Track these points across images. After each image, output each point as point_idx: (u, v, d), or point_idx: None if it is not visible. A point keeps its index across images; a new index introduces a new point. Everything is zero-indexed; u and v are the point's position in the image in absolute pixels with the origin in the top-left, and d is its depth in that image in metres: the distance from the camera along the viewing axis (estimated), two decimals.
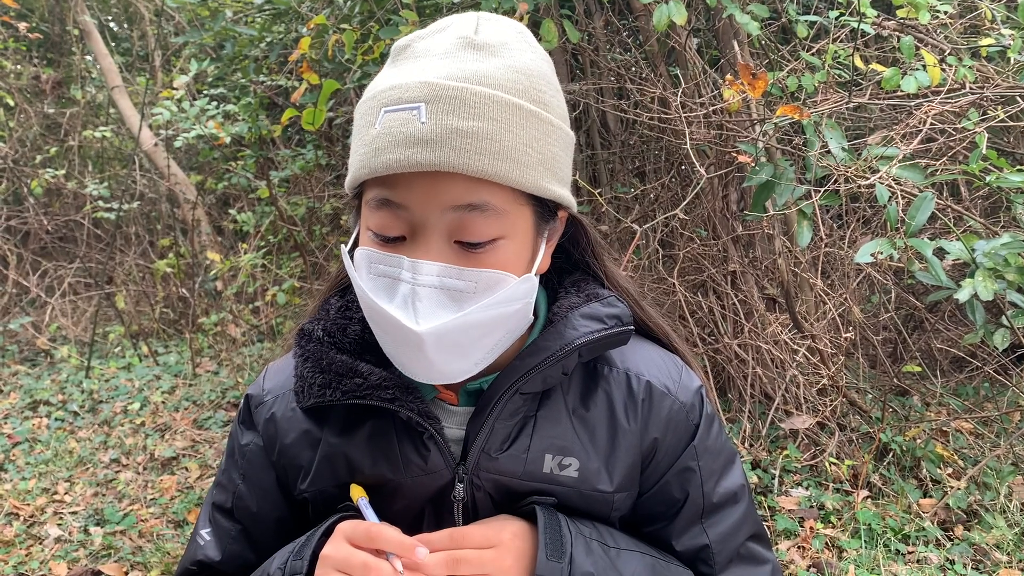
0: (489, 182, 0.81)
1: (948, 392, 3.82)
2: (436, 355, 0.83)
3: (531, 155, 0.83)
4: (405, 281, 0.82)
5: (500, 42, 0.85)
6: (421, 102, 0.79)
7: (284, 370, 1.03)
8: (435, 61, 0.83)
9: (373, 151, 0.81)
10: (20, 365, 5.34)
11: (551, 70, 0.90)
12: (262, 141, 5.06)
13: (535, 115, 0.84)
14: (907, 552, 2.80)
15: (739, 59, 3.04)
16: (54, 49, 7.22)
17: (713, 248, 3.58)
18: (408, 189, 0.81)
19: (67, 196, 6.53)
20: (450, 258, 0.82)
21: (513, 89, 0.82)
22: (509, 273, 0.85)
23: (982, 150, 2.37)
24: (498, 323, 0.86)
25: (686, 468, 0.99)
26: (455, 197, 0.81)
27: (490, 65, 0.83)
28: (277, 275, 5.23)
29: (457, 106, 0.79)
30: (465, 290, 0.83)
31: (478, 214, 0.81)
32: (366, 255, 0.86)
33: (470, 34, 0.85)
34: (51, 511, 3.45)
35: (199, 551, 1.04)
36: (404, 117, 0.80)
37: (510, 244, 0.85)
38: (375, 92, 0.85)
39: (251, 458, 1.03)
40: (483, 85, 0.81)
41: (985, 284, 2.16)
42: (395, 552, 0.84)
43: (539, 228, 0.90)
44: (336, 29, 3.17)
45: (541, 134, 0.84)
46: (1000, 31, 2.87)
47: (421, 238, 0.82)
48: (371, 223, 0.85)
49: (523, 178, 0.82)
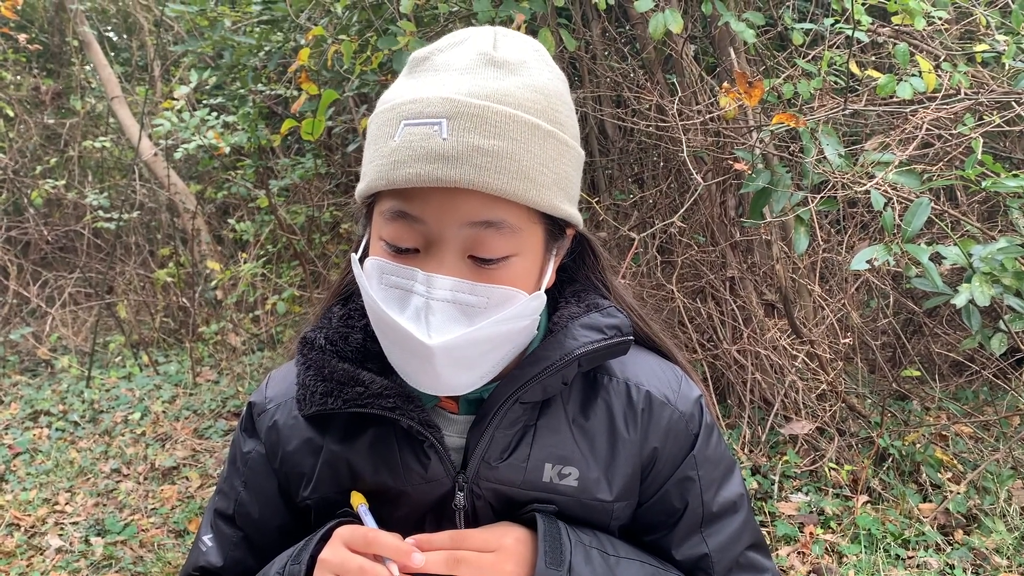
0: (505, 200, 0.82)
1: (947, 396, 3.82)
2: (444, 368, 0.84)
3: (547, 175, 0.84)
4: (418, 294, 0.83)
5: (519, 60, 0.86)
6: (443, 118, 0.80)
7: (286, 378, 1.04)
8: (455, 76, 0.84)
9: (392, 163, 0.81)
10: (21, 375, 5.35)
11: (566, 89, 0.92)
12: (261, 150, 5.08)
13: (552, 135, 0.85)
14: (907, 557, 2.81)
15: (735, 66, 3.05)
16: (54, 60, 7.24)
17: (711, 254, 3.59)
18: (425, 203, 0.82)
19: (67, 206, 6.54)
20: (464, 273, 0.83)
21: (532, 109, 0.84)
22: (520, 290, 0.86)
23: (978, 155, 2.38)
24: (507, 339, 0.87)
25: (685, 477, 1.00)
26: (472, 213, 0.82)
27: (510, 84, 0.84)
28: (277, 284, 5.24)
29: (478, 124, 0.80)
30: (477, 305, 0.84)
31: (494, 231, 0.83)
32: (378, 265, 0.86)
33: (489, 50, 0.86)
34: (52, 521, 3.45)
35: (201, 557, 1.05)
36: (425, 132, 0.80)
37: (521, 261, 0.86)
38: (394, 103, 0.85)
39: (253, 465, 1.04)
40: (503, 104, 0.82)
41: (982, 289, 2.17)
42: (392, 557, 0.84)
43: (548, 245, 0.92)
44: (334, 39, 3.19)
45: (557, 154, 0.86)
46: (995, 37, 2.88)
47: (436, 252, 0.83)
48: (384, 233, 0.86)
49: (539, 197, 0.84)
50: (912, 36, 2.96)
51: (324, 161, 5.12)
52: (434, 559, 0.85)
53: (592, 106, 3.64)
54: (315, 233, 5.39)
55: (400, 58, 2.80)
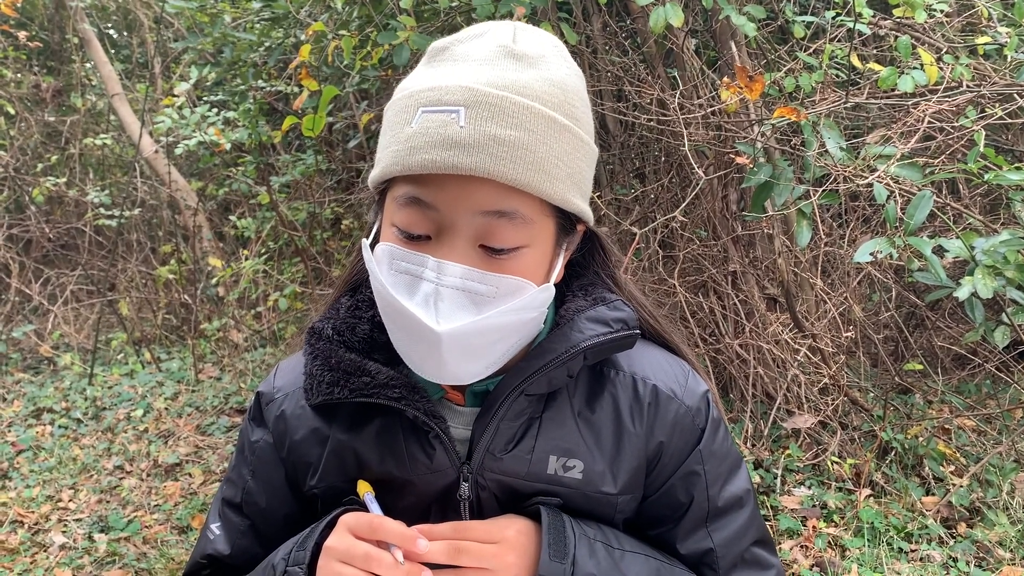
0: (519, 191, 0.82)
1: (950, 390, 3.82)
2: (450, 356, 0.84)
3: (561, 168, 0.85)
4: (428, 280, 0.83)
5: (538, 54, 0.87)
6: (461, 106, 0.80)
7: (294, 368, 1.04)
8: (475, 66, 0.84)
9: (408, 149, 0.82)
10: (23, 373, 5.35)
11: (583, 85, 0.92)
12: (262, 147, 5.07)
13: (568, 129, 0.85)
14: (910, 550, 2.81)
15: (736, 60, 3.05)
16: (54, 57, 7.24)
17: (713, 248, 3.59)
18: (439, 189, 0.82)
19: (68, 204, 6.55)
20: (474, 262, 0.84)
21: (549, 102, 0.84)
22: (529, 281, 0.86)
23: (980, 148, 2.37)
24: (514, 329, 0.87)
25: (691, 472, 1.00)
26: (486, 202, 0.82)
27: (529, 76, 0.84)
28: (279, 280, 5.24)
29: (496, 113, 0.80)
30: (486, 294, 0.84)
31: (507, 221, 0.83)
32: (388, 251, 0.86)
33: (509, 43, 0.86)
34: (55, 518, 3.46)
35: (209, 545, 1.06)
36: (443, 119, 0.81)
37: (532, 253, 0.86)
38: (412, 91, 0.85)
39: (261, 455, 1.04)
40: (522, 95, 0.82)
41: (984, 282, 2.17)
42: (396, 543, 0.85)
43: (559, 239, 0.92)
44: (335, 35, 3.18)
45: (572, 148, 0.86)
46: (997, 29, 2.87)
47: (447, 239, 0.83)
48: (397, 219, 0.86)
49: (552, 190, 0.84)
50: (914, 29, 2.95)
51: (325, 157, 5.12)
52: (436, 548, 0.85)
53: (593, 100, 3.63)
54: (316, 229, 5.39)
55: (400, 53, 2.80)
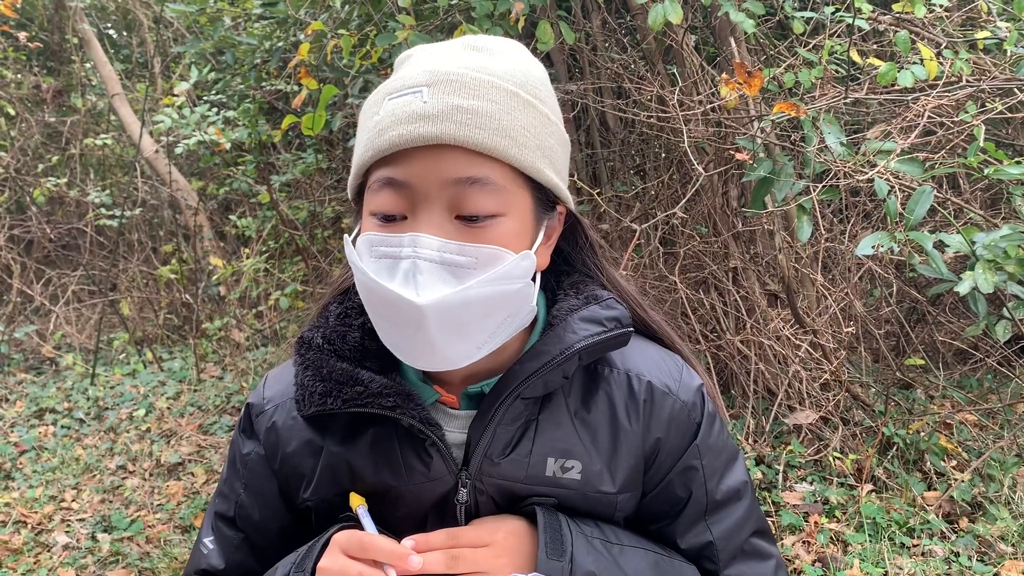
0: (488, 158, 0.84)
1: (951, 384, 3.82)
2: (438, 334, 0.83)
3: (528, 138, 0.86)
4: (406, 257, 0.83)
5: (500, 50, 0.92)
6: (424, 86, 0.84)
7: (284, 378, 1.03)
8: (439, 58, 0.89)
9: (377, 132, 0.84)
10: (25, 373, 5.36)
11: (547, 78, 0.95)
12: (262, 146, 5.07)
13: (531, 104, 0.88)
14: (912, 545, 2.81)
15: (736, 56, 3.04)
16: (54, 58, 7.24)
17: (714, 245, 3.59)
18: (409, 165, 0.83)
19: (69, 204, 6.56)
20: (451, 233, 0.84)
21: (511, 80, 0.88)
22: (508, 250, 0.86)
23: (980, 142, 2.37)
24: (499, 303, 0.86)
25: (689, 467, 0.99)
26: (455, 170, 0.83)
27: (489, 60, 0.89)
28: (280, 279, 5.24)
29: (458, 88, 0.84)
30: (466, 265, 0.84)
31: (478, 188, 0.83)
32: (367, 239, 0.87)
33: (471, 41, 0.92)
34: (58, 518, 3.46)
35: (203, 559, 1.05)
36: (407, 99, 0.84)
37: (509, 223, 0.87)
38: (379, 89, 0.89)
39: (253, 467, 1.03)
40: (483, 73, 0.86)
41: (985, 276, 2.17)
42: (388, 561, 0.84)
43: (538, 216, 0.92)
44: (334, 34, 3.18)
45: (537, 123, 0.88)
46: (996, 23, 2.87)
47: (423, 212, 0.84)
48: (373, 206, 0.87)
49: (521, 156, 0.85)
50: (913, 23, 2.95)
51: (325, 156, 5.13)
52: (433, 559, 0.85)
53: (593, 98, 3.63)
54: (317, 228, 5.40)
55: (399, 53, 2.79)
